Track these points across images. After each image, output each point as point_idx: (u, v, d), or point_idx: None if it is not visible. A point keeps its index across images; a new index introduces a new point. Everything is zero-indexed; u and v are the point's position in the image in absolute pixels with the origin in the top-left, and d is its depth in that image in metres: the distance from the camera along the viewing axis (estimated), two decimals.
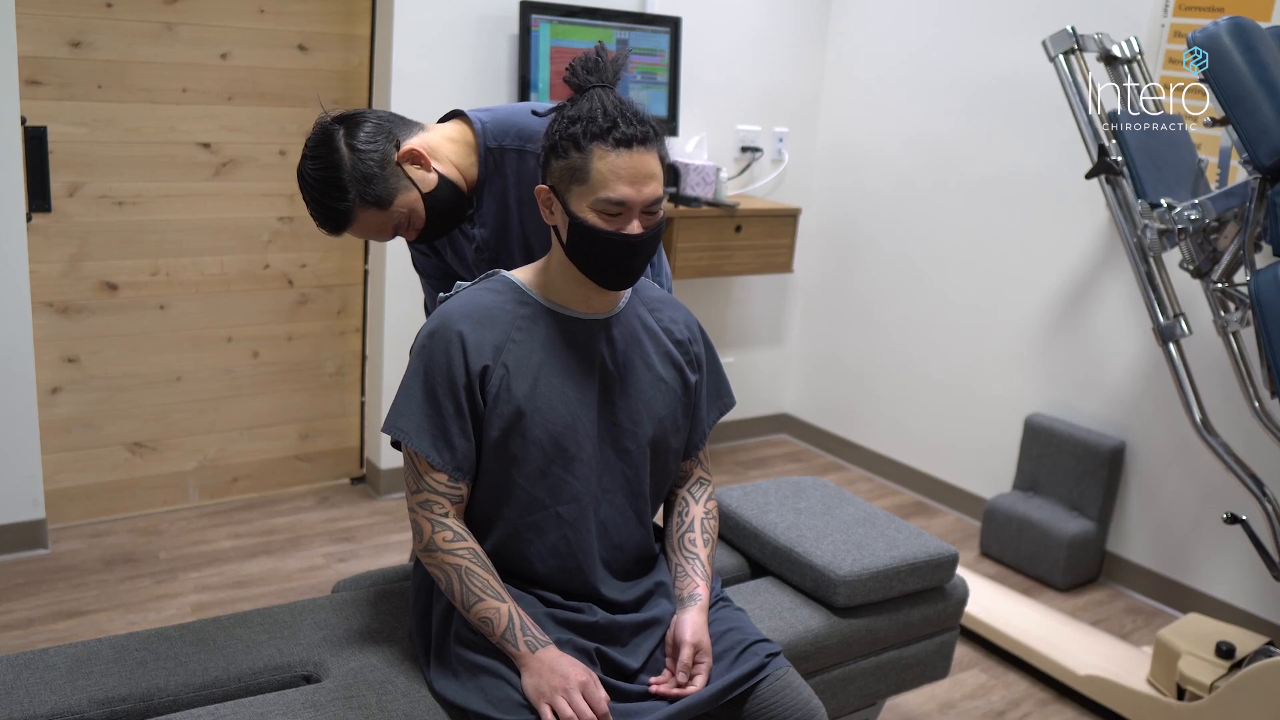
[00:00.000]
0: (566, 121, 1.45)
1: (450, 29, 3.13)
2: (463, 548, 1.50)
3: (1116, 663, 2.57)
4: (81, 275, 2.90)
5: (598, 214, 1.45)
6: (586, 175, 1.44)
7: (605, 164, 1.43)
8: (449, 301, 1.56)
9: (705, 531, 1.70)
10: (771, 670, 1.56)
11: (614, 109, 1.45)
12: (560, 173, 1.46)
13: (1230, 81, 2.12)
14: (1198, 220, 2.33)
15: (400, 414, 1.51)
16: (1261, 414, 2.33)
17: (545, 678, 1.42)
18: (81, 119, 2.80)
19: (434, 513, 1.51)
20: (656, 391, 1.62)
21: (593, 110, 1.44)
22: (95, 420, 3.01)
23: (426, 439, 1.49)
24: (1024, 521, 3.22)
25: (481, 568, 1.49)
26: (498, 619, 1.46)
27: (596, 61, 1.50)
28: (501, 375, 1.50)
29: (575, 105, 1.47)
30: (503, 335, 1.52)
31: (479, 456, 1.53)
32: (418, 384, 1.51)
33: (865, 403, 4.00)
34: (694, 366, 1.69)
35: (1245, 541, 2.79)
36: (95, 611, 2.61)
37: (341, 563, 2.95)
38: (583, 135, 1.43)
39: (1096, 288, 3.22)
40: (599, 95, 1.47)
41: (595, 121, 1.43)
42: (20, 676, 1.47)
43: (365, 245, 3.31)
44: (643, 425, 1.60)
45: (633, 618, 1.57)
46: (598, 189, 1.44)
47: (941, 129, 3.61)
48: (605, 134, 1.43)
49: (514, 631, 1.45)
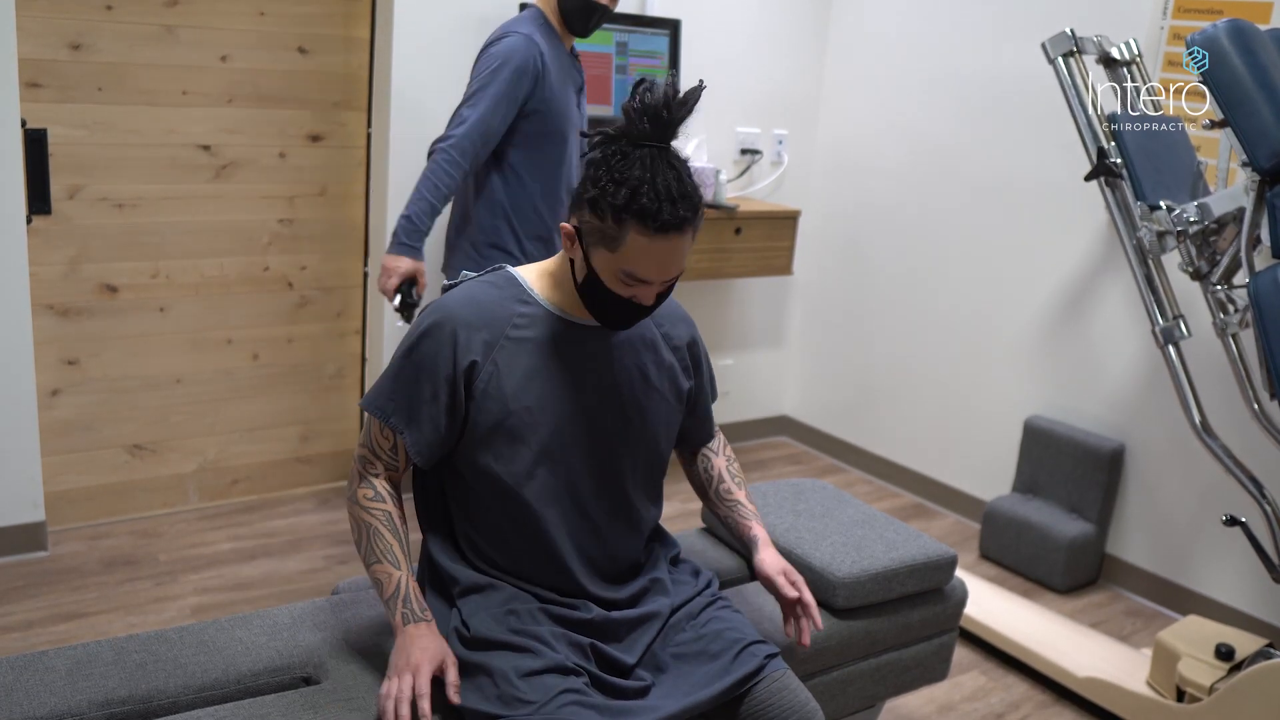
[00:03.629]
0: (612, 183, 1.39)
1: (450, 31, 3.13)
2: (379, 509, 1.54)
3: (1116, 665, 2.57)
4: (81, 277, 2.90)
5: (617, 279, 1.45)
6: (617, 246, 1.42)
7: (638, 245, 1.40)
8: (451, 294, 1.57)
9: (734, 476, 1.82)
10: (769, 672, 1.56)
11: (663, 187, 1.38)
12: (591, 229, 1.44)
13: (1229, 84, 2.12)
14: (1197, 222, 2.34)
15: (381, 392, 1.55)
16: (1261, 416, 2.34)
17: (400, 653, 1.44)
18: (82, 121, 2.80)
19: (366, 469, 1.57)
20: (650, 402, 1.63)
21: (641, 183, 1.38)
22: (95, 422, 3.01)
23: (391, 406, 1.53)
24: (1023, 524, 3.22)
25: (390, 532, 1.52)
26: (387, 583, 1.50)
27: (664, 111, 1.42)
28: (490, 372, 1.51)
29: (626, 164, 1.40)
30: (496, 333, 1.52)
31: (469, 452, 1.55)
32: (401, 363, 1.54)
33: (865, 405, 4.00)
34: (689, 371, 1.71)
35: (1245, 543, 2.79)
36: (95, 614, 2.61)
37: (341, 565, 2.95)
38: (625, 210, 1.38)
39: (1096, 290, 3.22)
40: (651, 162, 1.40)
41: (640, 199, 1.37)
42: (20, 678, 1.47)
43: (365, 247, 3.31)
44: (634, 430, 1.62)
45: (628, 613, 1.58)
46: (623, 263, 1.43)
47: (941, 131, 3.61)
48: (648, 218, 1.38)
49: (396, 600, 1.48)
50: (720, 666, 1.55)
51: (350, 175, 3.25)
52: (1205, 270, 2.39)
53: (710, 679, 1.53)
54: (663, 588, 1.65)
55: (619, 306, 1.49)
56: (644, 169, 1.39)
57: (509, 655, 1.47)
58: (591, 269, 1.47)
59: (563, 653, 1.49)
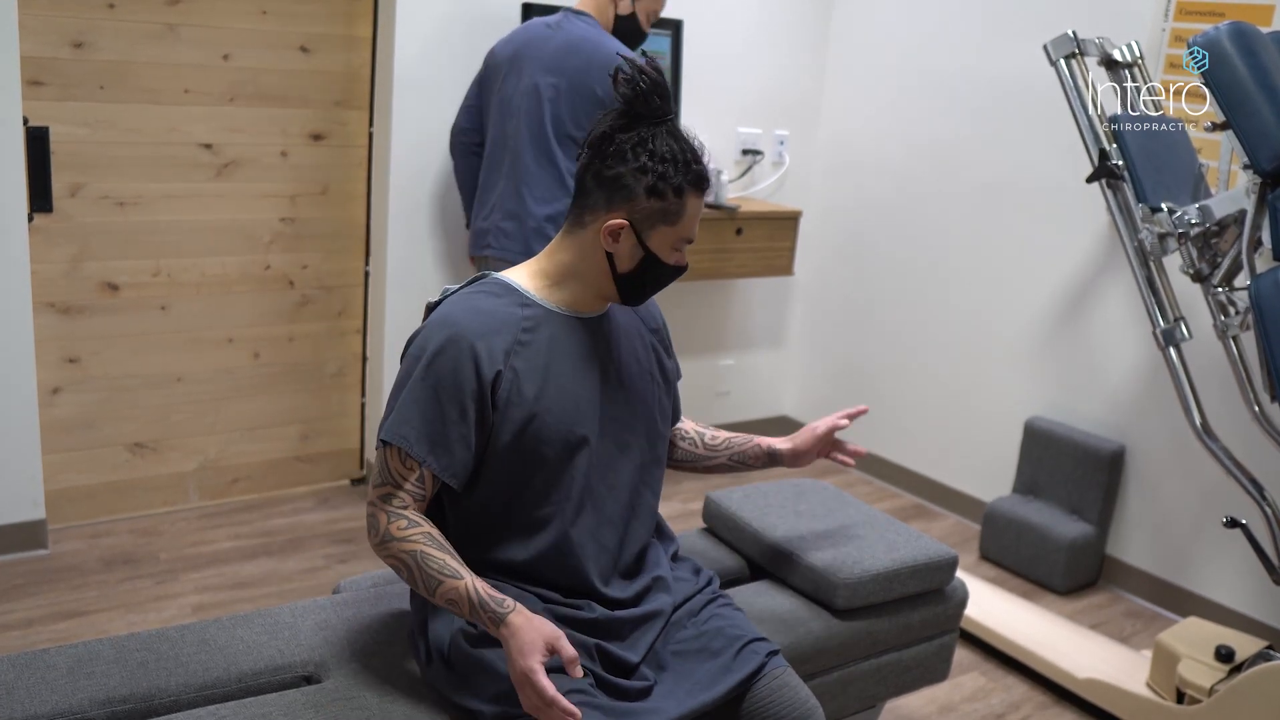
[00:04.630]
0: (661, 162, 1.49)
1: (452, 31, 3.13)
2: (417, 532, 1.46)
3: (1116, 666, 2.57)
4: (83, 276, 2.90)
5: (672, 250, 1.54)
6: (679, 218, 1.53)
7: (693, 208, 1.54)
8: (451, 308, 1.52)
9: (706, 428, 1.87)
10: (770, 669, 1.56)
11: (695, 150, 1.53)
12: (651, 213, 1.51)
13: (1230, 85, 2.12)
14: (1198, 225, 2.34)
15: (404, 420, 1.47)
16: (1261, 418, 2.34)
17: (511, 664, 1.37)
18: (83, 119, 2.80)
19: (393, 505, 1.48)
20: (644, 384, 1.66)
21: (684, 152, 1.51)
22: (96, 421, 3.01)
23: (425, 444, 1.47)
24: (1024, 525, 3.22)
25: (436, 548, 1.45)
26: (459, 600, 1.42)
27: (664, 84, 1.52)
28: (511, 379, 1.50)
29: (657, 142, 1.50)
30: (510, 339, 1.51)
31: (491, 461, 1.52)
32: (422, 390, 1.47)
33: (865, 405, 3.99)
34: (668, 350, 1.76)
35: (1245, 545, 2.79)
36: (95, 612, 2.61)
37: (342, 564, 2.95)
38: (684, 182, 1.50)
39: (1096, 291, 3.22)
40: (674, 133, 1.53)
41: (690, 168, 1.51)
42: (21, 677, 1.47)
43: (366, 246, 3.31)
44: (639, 418, 1.64)
45: (631, 612, 1.58)
46: (682, 231, 1.54)
47: (942, 132, 3.61)
48: (702, 180, 1.52)
49: (478, 611, 1.40)
50: (721, 665, 1.55)
51: (352, 174, 3.25)
52: (1206, 272, 2.39)
53: (712, 679, 1.54)
54: (665, 585, 1.65)
55: (669, 277, 1.58)
56: (676, 141, 1.52)
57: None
58: (650, 254, 1.53)
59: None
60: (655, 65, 1.53)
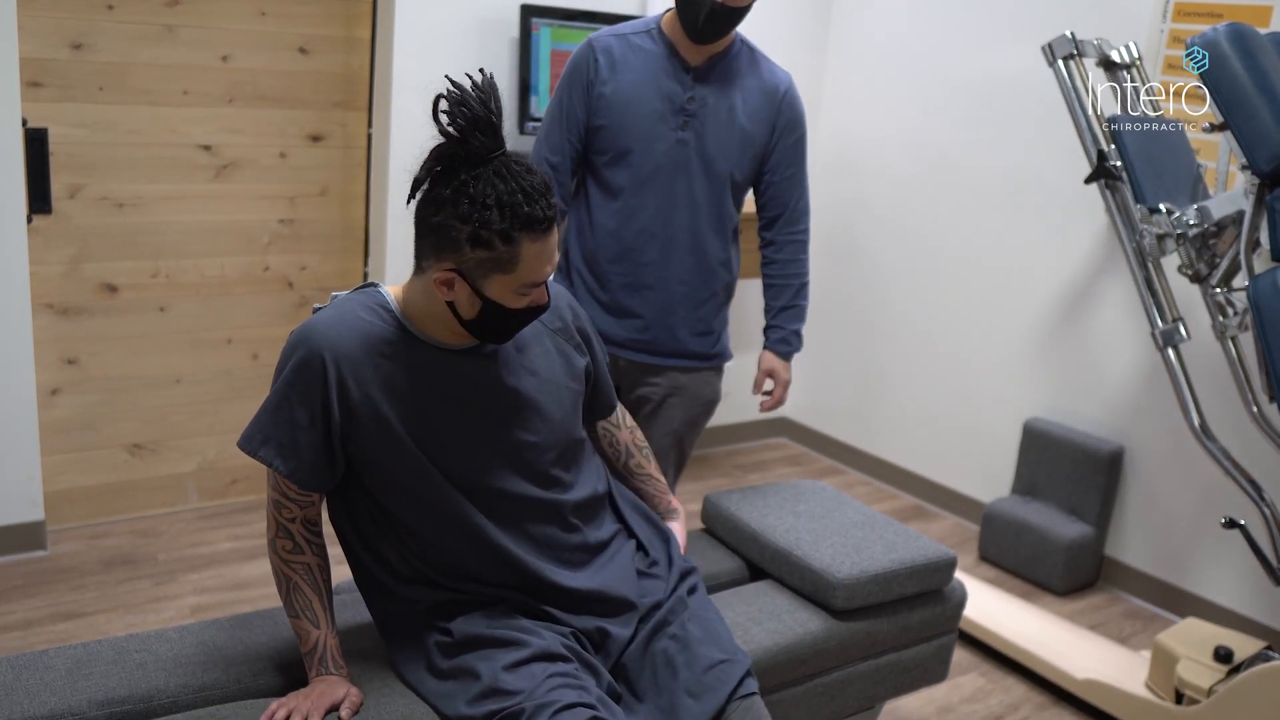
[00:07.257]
0: (483, 209, 1.34)
1: (451, 32, 3.13)
2: (298, 562, 1.53)
3: (1115, 667, 2.57)
4: (82, 277, 2.90)
5: (516, 295, 1.42)
6: (514, 265, 1.39)
7: (532, 252, 1.39)
8: (319, 318, 1.48)
9: (641, 448, 1.85)
10: (741, 695, 1.55)
11: (529, 188, 1.36)
12: (480, 262, 1.38)
13: (1229, 87, 2.13)
14: (1196, 225, 2.34)
15: (257, 426, 1.47)
16: (1260, 419, 2.34)
17: (318, 686, 1.47)
18: (82, 121, 2.80)
19: (282, 515, 1.52)
20: (547, 397, 1.58)
21: (511, 193, 1.35)
22: (95, 422, 3.01)
23: (272, 447, 1.45)
24: (1022, 526, 3.22)
25: (310, 586, 1.53)
26: (305, 639, 1.51)
27: (491, 116, 1.36)
28: (362, 399, 1.45)
29: (483, 185, 1.35)
30: (368, 359, 1.45)
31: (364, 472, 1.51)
32: (275, 396, 1.46)
33: (864, 406, 4.00)
34: (581, 348, 1.67)
35: (1244, 546, 2.80)
36: (94, 613, 2.61)
37: (340, 565, 2.94)
38: (512, 228, 1.35)
39: (1095, 292, 3.23)
40: (505, 170, 1.36)
41: (519, 210, 1.35)
42: (20, 678, 1.47)
43: (365, 247, 3.31)
44: (541, 436, 1.57)
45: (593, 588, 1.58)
46: (522, 277, 1.40)
47: (941, 133, 3.62)
48: (535, 223, 1.36)
49: (313, 657, 1.50)
50: (695, 694, 1.53)
51: (351, 175, 3.25)
52: (1205, 273, 2.39)
53: (682, 713, 1.51)
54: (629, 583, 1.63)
55: (521, 319, 1.47)
56: (503, 181, 1.36)
57: (493, 652, 1.47)
58: (489, 302, 1.42)
59: (548, 639, 1.49)
60: (485, 87, 1.37)
